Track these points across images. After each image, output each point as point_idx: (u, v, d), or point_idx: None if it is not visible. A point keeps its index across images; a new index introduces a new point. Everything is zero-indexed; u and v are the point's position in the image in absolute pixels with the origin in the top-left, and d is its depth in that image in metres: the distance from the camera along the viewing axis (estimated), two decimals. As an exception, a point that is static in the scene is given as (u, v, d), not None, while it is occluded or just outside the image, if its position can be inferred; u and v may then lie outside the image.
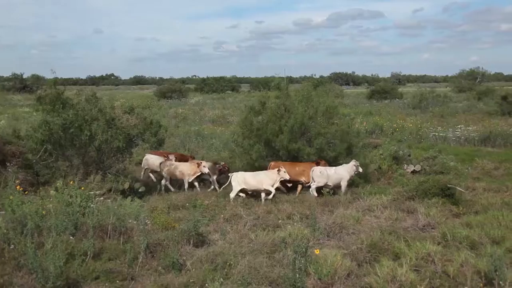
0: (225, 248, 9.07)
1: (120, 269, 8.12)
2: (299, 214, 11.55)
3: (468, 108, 40.82)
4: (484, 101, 45.79)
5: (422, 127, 26.98)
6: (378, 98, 53.65)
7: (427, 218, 11.02)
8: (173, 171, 14.89)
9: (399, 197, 12.80)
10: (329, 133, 14.85)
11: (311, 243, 9.37)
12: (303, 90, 16.61)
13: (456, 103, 45.77)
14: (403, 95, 56.90)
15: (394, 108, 40.97)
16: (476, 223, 10.53)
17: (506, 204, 12.03)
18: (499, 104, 37.24)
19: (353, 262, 8.42)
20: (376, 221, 11.19)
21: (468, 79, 79.74)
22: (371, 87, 72.05)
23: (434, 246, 8.97)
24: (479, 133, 24.17)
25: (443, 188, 12.51)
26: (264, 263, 8.36)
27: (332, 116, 15.79)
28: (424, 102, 42.75)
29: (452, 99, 50.16)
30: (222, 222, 11.02)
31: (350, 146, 15.41)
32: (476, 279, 7.66)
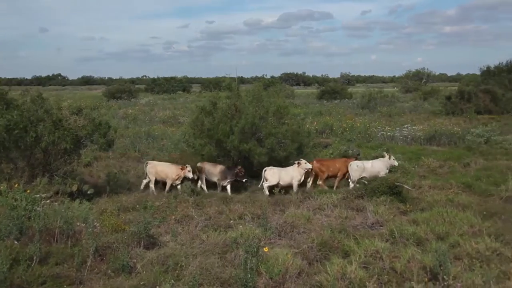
0: (176, 250, 8.99)
1: (68, 273, 7.93)
2: (251, 214, 11.58)
3: (414, 108, 41.89)
4: (429, 101, 47.13)
5: (371, 126, 27.49)
6: (328, 98, 54.35)
7: (375, 216, 11.25)
8: (158, 172, 14.66)
9: (348, 196, 13.01)
10: (280, 133, 14.94)
11: (262, 242, 9.40)
12: (254, 90, 16.65)
13: (403, 103, 46.89)
14: (352, 95, 57.87)
15: (344, 108, 41.59)
16: (422, 220, 10.80)
17: (450, 201, 12.40)
18: (443, 104, 38.44)
19: (304, 261, 8.51)
20: (326, 219, 11.33)
21: (414, 79, 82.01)
22: (321, 87, 72.89)
23: (382, 243, 9.18)
24: (424, 132, 24.82)
25: (391, 186, 12.79)
26: (215, 263, 8.34)
27: (283, 116, 15.90)
28: (372, 102, 43.62)
29: (399, 99, 51.40)
30: (173, 223, 10.93)
31: (301, 146, 15.58)
32: (422, 274, 7.86)
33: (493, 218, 11.02)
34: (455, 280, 7.62)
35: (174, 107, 43.85)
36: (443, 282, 7.54)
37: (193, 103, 38.59)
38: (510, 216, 11.22)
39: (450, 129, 25.41)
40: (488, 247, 9.01)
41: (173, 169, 14.66)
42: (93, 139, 14.05)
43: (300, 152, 15.50)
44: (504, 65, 61.35)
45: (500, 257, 8.82)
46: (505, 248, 9.18)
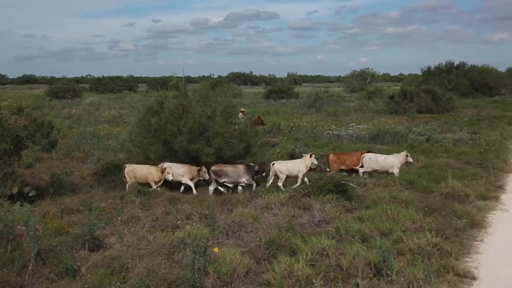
0: (122, 251, 8.86)
1: (8, 278, 7.66)
2: (198, 214, 11.54)
3: (360, 107, 42.77)
4: (374, 101, 48.21)
5: (317, 125, 27.88)
6: (275, 98, 54.78)
7: (322, 214, 11.42)
8: (136, 175, 14.21)
9: (295, 195, 13.14)
10: (228, 133, 14.93)
11: (210, 242, 9.40)
12: (201, 90, 16.59)
13: (349, 102, 47.81)
14: (299, 94, 58.53)
15: (291, 108, 42.01)
16: (367, 217, 11.06)
17: (393, 198, 12.72)
18: (387, 104, 39.42)
19: (251, 260, 8.55)
20: (274, 218, 11.41)
21: (359, 79, 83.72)
22: (269, 87, 73.36)
23: (329, 240, 9.33)
24: (369, 131, 25.38)
25: (336, 184, 13.00)
26: (162, 264, 8.27)
27: (230, 116, 15.90)
28: (319, 102, 44.23)
29: (345, 99, 52.38)
30: (119, 224, 10.76)
31: (248, 145, 15.60)
32: (366, 270, 8.06)
33: (433, 214, 11.38)
34: (398, 275, 7.84)
35: (120, 106, 43.17)
36: (386, 278, 7.76)
37: (139, 103, 38.01)
38: (449, 211, 11.61)
39: (394, 127, 26.10)
40: (429, 242, 9.32)
41: (154, 171, 14.29)
42: (35, 140, 13.63)
43: (247, 151, 15.53)
44: (443, 65, 63.70)
45: (441, 251, 9.15)
46: (445, 242, 9.52)
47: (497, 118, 33.95)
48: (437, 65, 64.68)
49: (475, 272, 8.65)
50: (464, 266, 8.77)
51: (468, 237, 10.50)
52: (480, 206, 12.79)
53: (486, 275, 8.58)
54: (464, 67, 64.46)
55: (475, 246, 10.09)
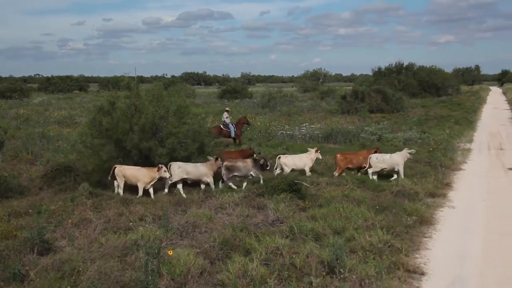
0: (73, 254, 8.68)
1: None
2: (152, 215, 11.41)
3: (312, 107, 43.27)
4: (326, 101, 48.91)
5: (271, 125, 28.05)
6: (229, 98, 54.87)
7: (276, 213, 11.47)
8: (127, 176, 13.78)
9: (250, 194, 13.16)
10: (181, 133, 14.82)
11: (164, 244, 9.32)
12: (154, 89, 16.40)
13: (302, 102, 48.28)
14: (252, 94, 58.76)
15: (245, 108, 42.13)
16: (320, 215, 11.18)
17: (346, 196, 12.91)
18: (339, 103, 40.05)
19: (205, 260, 8.51)
20: (228, 218, 11.40)
21: (312, 79, 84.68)
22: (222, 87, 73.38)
23: (283, 239, 9.40)
24: (322, 131, 25.71)
25: (290, 183, 13.09)
26: (115, 267, 8.14)
27: (183, 116, 15.78)
28: (272, 102, 44.52)
29: (298, 99, 52.91)
30: (70, 227, 10.52)
31: (202, 145, 15.54)
32: (320, 269, 8.15)
33: (385, 212, 11.62)
34: (350, 273, 7.97)
35: (70, 107, 42.32)
36: (339, 275, 7.87)
37: (90, 103, 37.36)
38: (400, 209, 11.87)
39: (346, 127, 26.54)
40: (381, 239, 9.51)
41: (145, 172, 13.89)
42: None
43: (201, 151, 15.46)
44: (393, 66, 65.21)
45: (391, 248, 9.34)
46: (395, 240, 9.73)
47: (445, 118, 34.95)
48: (387, 66, 66.21)
49: (424, 268, 8.87)
50: (414, 262, 8.99)
51: (417, 233, 10.75)
52: (428, 203, 13.13)
53: (434, 271, 8.82)
54: (413, 67, 66.14)
55: (424, 242, 10.36)
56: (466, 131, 29.43)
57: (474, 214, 12.67)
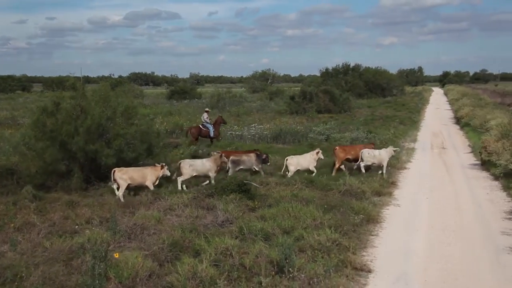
0: (16, 260, 8.39)
1: None
2: (99, 217, 11.17)
3: (261, 107, 43.48)
4: (275, 101, 49.23)
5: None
6: (178, 98, 54.48)
7: (225, 214, 11.44)
8: (133, 177, 13.73)
9: (199, 195, 13.10)
10: (129, 134, 14.62)
11: (111, 246, 9.15)
12: (100, 90, 16.10)
13: (251, 103, 48.45)
14: (201, 95, 58.51)
15: (194, 108, 41.88)
16: (270, 215, 11.23)
17: (295, 196, 13.03)
18: (288, 104, 40.42)
19: (154, 263, 8.40)
20: (177, 219, 11.30)
21: (260, 80, 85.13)
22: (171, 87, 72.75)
23: (232, 240, 9.38)
24: (271, 131, 25.86)
25: (240, 184, 13.11)
26: (60, 271, 7.93)
27: (131, 117, 15.58)
28: (221, 102, 44.54)
29: (247, 99, 53.09)
30: (12, 231, 10.17)
31: (151, 147, 15.36)
32: (269, 268, 8.17)
33: (333, 211, 11.79)
34: (299, 272, 8.05)
35: (12, 107, 41.05)
36: (288, 275, 7.94)
37: (34, 103, 36.30)
38: (347, 208, 12.07)
39: (294, 127, 26.79)
40: (329, 238, 9.64)
41: (150, 170, 14.06)
42: None
43: (149, 152, 15.28)
44: (340, 67, 66.38)
45: (339, 247, 9.49)
46: (343, 238, 9.89)
47: (390, 118, 35.82)
48: (335, 67, 67.38)
49: (371, 265, 9.07)
50: (361, 260, 9.16)
51: (364, 232, 10.98)
52: (375, 202, 13.42)
53: (381, 268, 9.02)
54: (359, 68, 67.48)
55: (371, 240, 10.58)
56: (410, 131, 30.30)
57: (418, 212, 13.04)
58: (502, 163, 16.73)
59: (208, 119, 24.07)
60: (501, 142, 18.57)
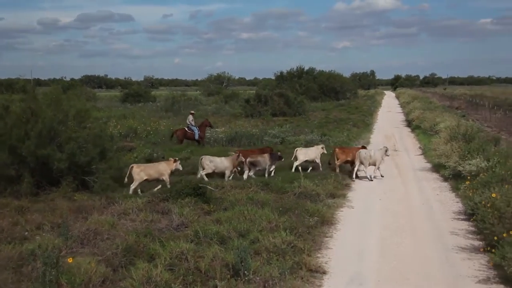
0: (-38, 269, 8.11)
1: None
2: (50, 223, 10.91)
3: (217, 110, 43.44)
4: (230, 104, 49.24)
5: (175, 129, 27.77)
6: (132, 101, 53.89)
7: (180, 217, 11.35)
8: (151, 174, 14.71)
9: (154, 199, 12.97)
10: (81, 138, 14.35)
11: (63, 252, 8.95)
12: (51, 93, 15.78)
13: (206, 106, 48.36)
14: (156, 98, 57.96)
15: (148, 111, 41.53)
16: (225, 218, 11.20)
17: (250, 199, 13.04)
18: (243, 107, 40.55)
19: (108, 268, 8.27)
20: (131, 224, 11.15)
21: (215, 83, 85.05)
22: (125, 90, 71.82)
23: (187, 244, 9.31)
24: (226, 134, 25.86)
25: (195, 187, 13.05)
26: (9, 279, 7.73)
27: (84, 120, 15.31)
28: (176, 105, 44.25)
29: (202, 102, 52.91)
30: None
31: (104, 150, 15.11)
32: (225, 272, 8.16)
33: (288, 213, 11.84)
34: (255, 275, 8.07)
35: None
36: (244, 277, 7.95)
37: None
38: (302, 210, 12.18)
39: (250, 130, 26.87)
40: (284, 240, 9.68)
41: (164, 166, 15.09)
42: None
43: (103, 156, 15.03)
44: (295, 70, 66.99)
45: (294, 249, 9.55)
46: (298, 240, 9.96)
47: (344, 121, 36.35)
48: (289, 70, 67.84)
49: (325, 267, 9.17)
50: (316, 262, 9.26)
51: (319, 233, 11.11)
52: (329, 204, 13.59)
53: (335, 269, 9.14)
54: (313, 72, 68.21)
55: (326, 242, 10.72)
56: (364, 133, 30.85)
57: (371, 213, 13.30)
58: (451, 165, 17.23)
59: (193, 122, 24.51)
60: (449, 144, 19.11)
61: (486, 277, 8.76)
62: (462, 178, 15.58)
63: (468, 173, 15.55)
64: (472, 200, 12.42)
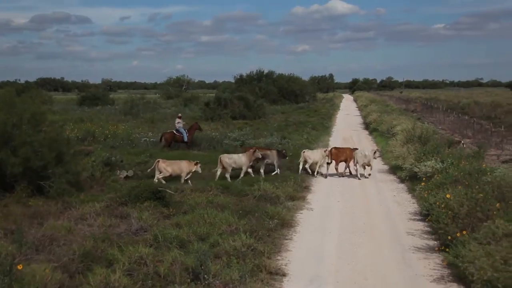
0: None
1: None
2: (3, 229, 10.59)
3: (176, 113, 43.00)
4: (190, 107, 49.00)
5: (134, 132, 27.52)
6: (89, 105, 53.02)
7: (139, 222, 11.25)
8: (175, 170, 16.34)
9: (112, 204, 12.79)
10: (36, 142, 14.00)
11: (17, 260, 8.69)
12: (5, 95, 15.35)
13: (165, 109, 47.98)
14: (114, 101, 57.19)
15: (106, 115, 40.90)
16: (185, 222, 11.15)
17: (210, 202, 13.04)
18: (203, 110, 40.38)
19: (64, 274, 8.09)
20: (89, 229, 10.97)
21: (175, 86, 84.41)
22: (82, 93, 70.65)
23: (146, 248, 9.22)
24: (186, 137, 25.63)
25: (154, 191, 12.94)
26: (-39, 288, 7.46)
27: (39, 124, 14.95)
28: (135, 108, 43.73)
29: (162, 105, 52.53)
30: None
31: (61, 154, 14.79)
32: (184, 276, 8.12)
33: (248, 216, 11.86)
34: (215, 278, 8.06)
35: None
36: (204, 281, 7.92)
37: None
38: (262, 213, 12.21)
39: (210, 133, 26.77)
40: (244, 243, 9.69)
41: (185, 164, 16.52)
42: None
43: (59, 160, 14.71)
44: (254, 74, 67.20)
45: (254, 252, 9.57)
46: (258, 243, 10.00)
47: (303, 124, 36.62)
48: (249, 73, 68.02)
49: (285, 269, 9.23)
50: (276, 264, 9.30)
51: (279, 236, 11.16)
52: (289, 206, 13.67)
53: (295, 271, 9.20)
54: (273, 75, 68.55)
55: (285, 244, 10.78)
56: (323, 136, 31.15)
57: (330, 215, 13.44)
58: (407, 167, 17.59)
59: (180, 124, 24.63)
60: (406, 147, 19.51)
61: (441, 276, 8.98)
62: (418, 179, 15.92)
63: (424, 174, 15.91)
64: (427, 201, 12.72)
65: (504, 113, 43.27)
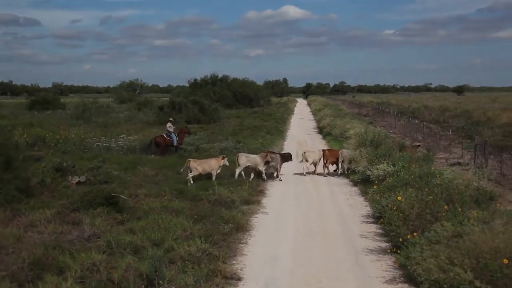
0: None
1: None
2: None
3: (130, 118, 42.59)
4: (144, 112, 48.50)
5: (86, 137, 27.01)
6: (40, 109, 51.81)
7: (92, 228, 11.03)
8: (205, 168, 17.51)
9: (63, 210, 12.52)
10: (-17, 147, 13.59)
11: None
12: (-50, 99, 14.84)
13: (119, 113, 47.28)
14: (65, 105, 56.07)
15: (57, 119, 40.00)
16: (139, 228, 11.01)
17: (164, 207, 12.91)
18: (157, 114, 40.07)
19: (13, 283, 7.90)
20: (39, 236, 10.69)
21: (128, 90, 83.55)
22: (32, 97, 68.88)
23: (99, 255, 9.04)
24: (140, 142, 25.39)
25: (107, 197, 12.72)
26: None
27: (-15, 129, 14.50)
28: (87, 113, 42.96)
29: (115, 110, 51.73)
30: None
31: (9, 160, 14.38)
32: (139, 282, 8.02)
33: (203, 220, 11.84)
34: (169, 283, 8.01)
35: None
36: (158, 287, 7.85)
37: None
38: (217, 217, 12.20)
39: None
40: (199, 248, 9.66)
41: (214, 162, 17.93)
42: None
43: (7, 166, 14.30)
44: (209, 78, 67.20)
45: (210, 256, 9.56)
46: (213, 248, 9.98)
47: (258, 128, 36.77)
48: (203, 78, 67.93)
49: (240, 273, 9.24)
50: (231, 269, 9.30)
51: (234, 240, 11.17)
52: (244, 210, 13.69)
53: (250, 275, 9.23)
54: (227, 79, 68.74)
55: (241, 248, 10.80)
56: (277, 140, 31.33)
57: (285, 218, 13.53)
58: (360, 170, 17.90)
59: (171, 128, 24.43)
60: (358, 150, 19.83)
61: (392, 277, 9.18)
62: (371, 182, 16.19)
63: (376, 177, 16.21)
64: (380, 203, 12.96)
65: (452, 117, 44.64)
